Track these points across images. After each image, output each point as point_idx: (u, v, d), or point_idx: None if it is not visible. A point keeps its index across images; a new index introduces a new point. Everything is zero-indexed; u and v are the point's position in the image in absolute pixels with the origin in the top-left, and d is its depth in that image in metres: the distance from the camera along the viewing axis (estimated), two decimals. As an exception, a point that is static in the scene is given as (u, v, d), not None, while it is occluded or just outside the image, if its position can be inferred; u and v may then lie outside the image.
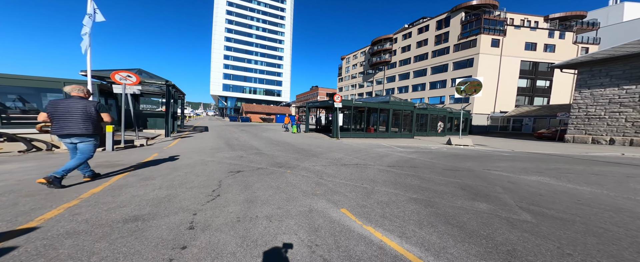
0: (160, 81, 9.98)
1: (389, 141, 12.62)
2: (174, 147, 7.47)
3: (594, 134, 12.20)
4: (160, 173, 4.17)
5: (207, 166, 4.94)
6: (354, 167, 5.29)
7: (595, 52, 12.38)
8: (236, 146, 8.51)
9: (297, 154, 6.98)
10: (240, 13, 62.92)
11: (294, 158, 6.33)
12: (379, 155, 7.28)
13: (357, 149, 8.57)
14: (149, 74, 10.24)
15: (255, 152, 7.20)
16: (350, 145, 10.14)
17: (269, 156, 6.55)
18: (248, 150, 7.68)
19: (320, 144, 9.97)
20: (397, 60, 42.36)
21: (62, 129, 2.96)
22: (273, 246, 1.94)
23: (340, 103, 12.51)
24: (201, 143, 9.01)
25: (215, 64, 60.69)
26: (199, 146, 8.10)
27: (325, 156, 6.76)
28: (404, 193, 3.41)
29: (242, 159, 6.04)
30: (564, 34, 29.03)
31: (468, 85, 15.02)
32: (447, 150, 9.07)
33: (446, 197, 3.27)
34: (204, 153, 6.68)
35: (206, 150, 7.28)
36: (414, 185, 3.85)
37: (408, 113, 14.23)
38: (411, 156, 7.27)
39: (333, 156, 6.92)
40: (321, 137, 13.47)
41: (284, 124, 18.13)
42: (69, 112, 2.97)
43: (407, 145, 10.66)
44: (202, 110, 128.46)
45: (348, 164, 5.58)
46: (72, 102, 3.01)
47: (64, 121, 2.96)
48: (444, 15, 32.86)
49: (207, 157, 6.10)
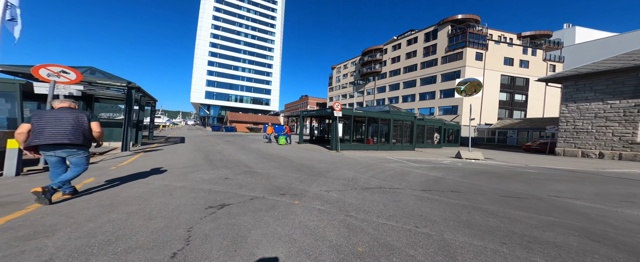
0: (120, 83, 8.08)
1: (392, 153, 11.59)
2: (128, 166, 5.61)
3: (583, 147, 12.25)
4: (77, 218, 2.43)
5: (172, 197, 3.33)
6: (380, 192, 3.98)
7: (579, 67, 12.80)
8: (219, 162, 6.82)
9: (299, 173, 5.53)
10: (227, 19, 61.56)
11: (297, 179, 4.88)
12: (396, 172, 6.08)
13: (366, 165, 7.31)
14: (106, 73, 8.34)
15: (245, 171, 5.63)
16: (355, 159, 8.88)
17: (264, 176, 5.03)
18: (234, 167, 6.07)
19: (321, 158, 8.59)
20: (387, 71, 43.18)
21: (50, 139, 2.71)
22: None
23: (341, 112, 11.37)
24: (171, 159, 7.17)
25: (198, 69, 57.72)
26: (167, 163, 6.30)
27: (334, 175, 5.40)
28: (502, 248, 2.13)
29: (228, 182, 4.46)
30: (535, 51, 31.61)
31: (468, 85, 14.99)
32: (464, 165, 8.16)
33: (585, 257, 2.04)
34: (171, 174, 4.96)
35: (176, 169, 5.55)
36: (497, 228, 2.61)
37: (408, 124, 13.48)
38: (434, 173, 6.16)
39: (343, 174, 5.58)
40: (318, 150, 12.10)
41: (267, 134, 15.34)
42: (58, 122, 2.78)
43: (416, 158, 9.66)
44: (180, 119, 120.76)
45: (370, 188, 4.26)
46: (61, 112, 2.85)
47: (52, 131, 2.73)
48: (432, 28, 34.40)
49: (176, 180, 4.43)
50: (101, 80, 7.68)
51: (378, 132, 12.76)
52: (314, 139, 19.14)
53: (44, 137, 2.67)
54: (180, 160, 6.93)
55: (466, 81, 14.17)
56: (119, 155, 7.47)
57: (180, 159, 7.06)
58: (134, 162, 6.31)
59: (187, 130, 35.54)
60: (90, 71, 8.01)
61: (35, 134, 2.68)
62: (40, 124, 2.70)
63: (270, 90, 67.93)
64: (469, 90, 13.73)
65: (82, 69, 7.90)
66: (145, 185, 3.96)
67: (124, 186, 3.85)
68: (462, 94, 13.95)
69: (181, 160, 6.95)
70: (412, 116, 13.55)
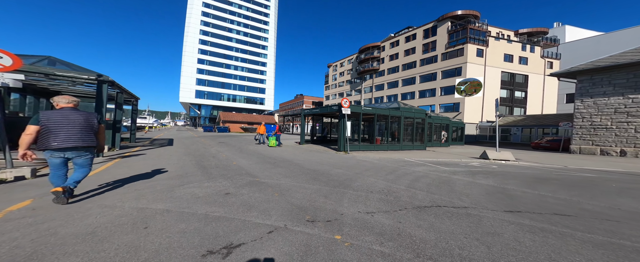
0: (87, 75, 6.65)
1: (406, 154, 10.65)
2: (93, 179, 4.32)
3: (602, 145, 11.76)
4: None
5: (148, 234, 2.18)
6: (446, 215, 2.92)
7: (595, 60, 12.30)
8: (214, 169, 5.60)
9: (316, 183, 4.43)
10: (218, 15, 59.16)
11: (318, 192, 3.79)
12: (433, 179, 5.08)
13: (388, 169, 6.27)
14: (69, 64, 6.88)
15: (249, 182, 4.47)
16: (371, 161, 7.84)
17: (275, 190, 3.90)
18: (235, 176, 4.89)
19: (333, 162, 7.50)
20: (385, 69, 42.52)
21: (65, 142, 2.69)
22: None
23: (349, 109, 10.31)
24: (155, 166, 5.87)
25: (187, 67, 55.12)
26: (148, 172, 5.02)
27: (361, 185, 4.35)
28: None
29: (230, 200, 3.31)
30: (534, 48, 31.80)
31: (468, 85, 14.70)
32: (500, 167, 7.20)
33: None
34: (151, 190, 3.74)
35: (159, 181, 4.30)
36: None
37: (419, 122, 12.61)
38: (484, 180, 5.16)
39: (370, 183, 4.52)
40: (324, 151, 11.00)
41: (258, 134, 13.53)
42: (70, 124, 2.75)
43: (437, 159, 8.73)
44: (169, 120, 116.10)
45: (424, 207, 3.20)
46: (72, 114, 2.80)
47: (67, 133, 2.71)
48: (431, 24, 33.94)
49: (156, 199, 3.24)
50: (61, 72, 6.23)
51: (388, 130, 11.80)
52: (316, 139, 18.01)
53: (60, 140, 2.66)
54: (166, 167, 5.65)
55: (466, 81, 13.97)
56: (89, 162, 6.09)
57: (167, 167, 5.77)
58: (103, 172, 4.97)
59: (177, 131, 33.49)
60: (48, 61, 6.54)
61: (49, 137, 2.63)
62: (52, 125, 2.65)
63: (264, 90, 66.05)
64: (469, 90, 13.54)
65: (34, 58, 6.41)
66: (108, 210, 2.73)
67: (75, 210, 2.63)
68: (462, 94, 13.66)
69: (167, 167, 5.67)
70: (424, 113, 12.69)
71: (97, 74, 6.95)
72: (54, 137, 2.64)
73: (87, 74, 6.77)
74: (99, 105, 6.88)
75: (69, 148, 2.74)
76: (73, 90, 10.41)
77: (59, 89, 9.82)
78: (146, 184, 4.04)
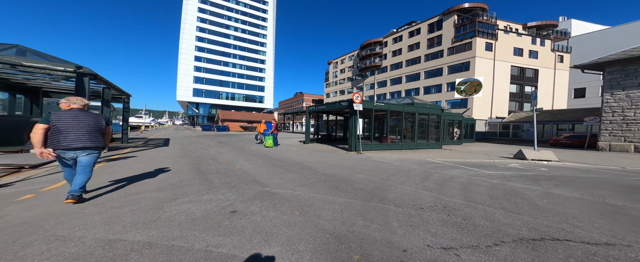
0: (63, 67, 5.66)
1: (424, 153, 9.78)
2: (61, 190, 3.39)
3: (636, 141, 10.88)
4: None
5: None
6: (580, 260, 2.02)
7: (628, 49, 11.42)
8: (215, 175, 4.70)
9: (343, 194, 3.54)
10: (214, 11, 57.66)
11: (350, 209, 2.92)
12: (499, 191, 4.16)
13: (421, 175, 5.39)
14: (42, 54, 5.90)
15: (258, 193, 3.59)
16: (390, 163, 6.96)
17: (294, 206, 3.01)
18: (240, 185, 4.00)
19: (349, 164, 6.62)
20: (388, 65, 41.48)
21: (76, 142, 2.80)
22: None
23: (361, 105, 9.40)
24: (143, 171, 4.96)
25: (183, 65, 53.79)
26: (134, 180, 4.09)
27: (403, 198, 3.45)
28: None
29: (237, 223, 2.43)
30: (544, 41, 30.86)
31: (468, 85, 14.20)
32: (553, 171, 6.17)
33: None
34: (133, 206, 2.83)
35: (145, 195, 3.39)
36: None
37: (434, 118, 11.72)
38: (558, 190, 4.22)
39: (414, 195, 3.63)
40: (333, 151, 10.11)
41: (259, 133, 12.61)
42: (80, 125, 2.85)
43: (466, 160, 7.84)
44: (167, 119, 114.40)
45: (537, 239, 2.31)
46: (81, 115, 2.90)
47: (77, 134, 2.82)
48: (436, 18, 32.89)
49: (136, 224, 2.35)
50: (31, 63, 5.24)
51: (401, 128, 10.91)
52: (320, 137, 17.12)
53: (70, 140, 2.76)
54: (158, 173, 4.73)
55: (466, 81, 13.52)
56: (65, 169, 5.14)
57: (158, 172, 4.85)
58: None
59: (174, 130, 32.42)
60: (17, 50, 5.54)
61: (58, 137, 2.73)
62: (62, 126, 2.74)
63: (263, 87, 64.84)
64: (469, 90, 13.17)
65: (4, 47, 5.41)
66: (58, 246, 1.83)
67: (3, 249, 1.71)
68: (462, 93, 13.19)
69: (159, 173, 4.75)
70: (439, 109, 11.81)
71: (75, 66, 5.97)
72: (63, 138, 2.73)
73: (63, 65, 5.79)
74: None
75: (77, 148, 2.83)
76: (57, 86, 9.41)
77: (38, 85, 8.83)
78: (127, 199, 3.12)
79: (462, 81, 13.39)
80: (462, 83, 13.37)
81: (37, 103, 9.07)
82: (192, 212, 2.75)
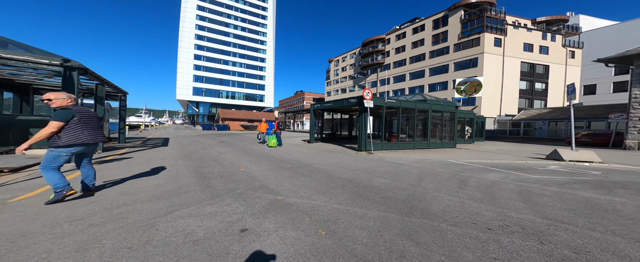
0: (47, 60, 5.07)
1: (441, 153, 9.19)
2: (34, 200, 2.82)
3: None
4: None
5: None
6: None
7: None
8: (218, 180, 4.14)
9: (373, 206, 2.96)
10: (214, 9, 56.87)
11: (391, 228, 2.34)
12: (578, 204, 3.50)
13: (453, 179, 4.81)
14: (26, 46, 5.31)
15: (270, 203, 3.02)
16: (410, 165, 6.38)
17: (315, 221, 2.46)
18: (247, 192, 3.44)
19: (364, 166, 6.04)
20: (391, 62, 40.72)
21: (95, 138, 2.96)
22: None
23: (372, 102, 8.80)
24: (137, 175, 4.37)
25: (183, 63, 53.15)
26: (126, 185, 3.53)
27: (456, 213, 2.86)
28: None
29: (250, 247, 1.86)
30: (554, 36, 29.99)
31: (468, 85, 13.85)
32: (606, 175, 5.43)
33: None
34: (116, 226, 2.24)
35: (135, 206, 2.82)
36: None
37: (447, 116, 11.10)
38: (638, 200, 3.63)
39: (462, 207, 3.04)
40: (341, 151, 9.53)
41: (260, 133, 12.36)
42: (94, 120, 3.01)
43: (495, 162, 7.21)
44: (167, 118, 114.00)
45: None
46: (87, 110, 3.00)
47: (94, 128, 2.97)
48: (441, 14, 32.07)
49: (117, 254, 1.71)
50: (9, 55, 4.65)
51: (413, 126, 10.31)
52: (325, 136, 16.56)
53: (92, 136, 2.90)
54: (154, 178, 4.16)
55: (466, 81, 13.09)
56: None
57: (154, 176, 4.28)
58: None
59: (174, 130, 31.89)
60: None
61: (82, 131, 2.80)
62: (84, 121, 2.84)
63: (264, 86, 64.16)
64: (469, 90, 12.79)
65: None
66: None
67: None
68: (462, 94, 12.78)
69: (155, 178, 4.18)
70: (454, 106, 11.19)
71: (62, 59, 5.38)
72: (86, 132, 2.83)
73: (48, 58, 5.20)
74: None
75: (97, 143, 2.98)
76: (49, 83, 8.82)
77: (27, 81, 8.25)
78: (113, 212, 2.55)
79: (462, 81, 13.12)
80: (462, 83, 13.12)
81: (28, 101, 8.50)
82: (192, 231, 2.18)
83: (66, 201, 2.86)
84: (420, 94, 11.68)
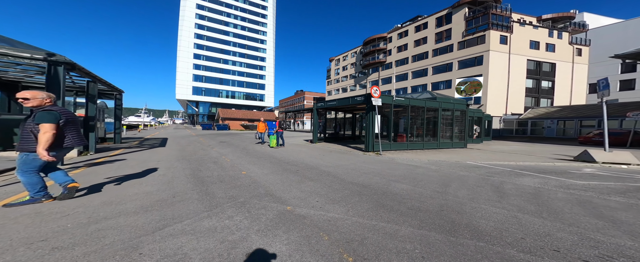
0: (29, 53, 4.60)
1: (454, 154, 8.73)
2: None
3: None
4: None
5: None
6: None
7: None
8: (217, 186, 3.68)
9: (408, 221, 2.51)
10: (213, 8, 56.33)
11: (439, 255, 1.80)
12: None
13: (489, 186, 4.35)
14: (6, 39, 4.84)
15: (279, 215, 2.56)
16: (427, 168, 5.92)
17: (337, 242, 1.99)
18: (251, 201, 2.97)
19: (376, 169, 5.58)
20: (392, 61, 40.15)
21: (81, 140, 2.78)
22: None
23: (380, 99, 8.33)
24: (128, 179, 3.91)
25: (182, 62, 52.64)
26: (112, 192, 3.07)
27: (533, 239, 2.36)
28: None
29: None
30: (561, 34, 29.42)
31: (468, 85, 13.59)
32: None
33: None
34: (90, 248, 1.76)
35: (118, 220, 2.34)
36: None
37: (458, 115, 10.62)
38: None
39: (521, 222, 2.60)
40: (347, 151, 9.07)
41: (258, 133, 11.88)
42: (75, 122, 2.76)
43: (519, 163, 6.73)
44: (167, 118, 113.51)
45: None
46: (69, 112, 2.74)
47: (77, 132, 2.74)
48: (445, 11, 31.51)
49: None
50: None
51: (423, 126, 9.84)
52: (328, 136, 16.10)
53: (78, 140, 2.71)
54: (146, 183, 3.69)
55: (466, 81, 13.02)
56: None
57: (147, 181, 3.81)
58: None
59: (174, 129, 31.43)
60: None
61: (73, 134, 2.66)
62: (70, 123, 2.66)
63: (264, 85, 63.63)
64: (469, 90, 12.70)
65: None
66: None
67: None
68: (462, 94, 12.75)
69: (148, 183, 3.71)
70: (464, 104, 10.71)
71: (46, 53, 4.91)
72: (69, 136, 2.64)
73: (30, 52, 4.72)
74: (55, 93, 4.84)
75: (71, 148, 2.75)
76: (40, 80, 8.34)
77: (15, 79, 7.78)
78: (89, 229, 2.09)
79: (462, 81, 13.14)
80: (462, 83, 13.14)
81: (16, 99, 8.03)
82: (185, 256, 1.72)
83: (35, 214, 2.39)
84: (428, 92, 11.21)
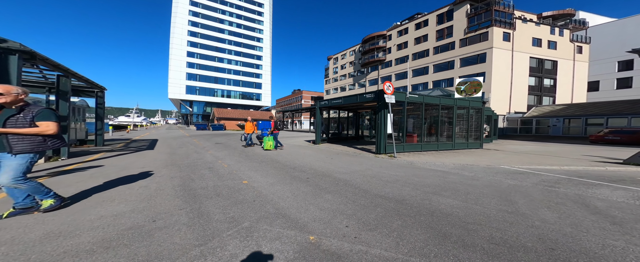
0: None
1: (475, 156, 8.05)
2: None
3: None
4: None
5: None
6: None
7: None
8: (213, 202, 2.79)
9: None
10: (208, 5, 54.74)
11: None
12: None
13: (575, 203, 3.59)
14: None
15: (299, 253, 1.67)
16: (458, 174, 5.20)
17: None
18: (258, 227, 2.06)
19: (399, 176, 4.82)
20: (392, 59, 39.55)
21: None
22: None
23: (393, 96, 7.58)
24: (99, 192, 2.97)
25: (175, 60, 50.99)
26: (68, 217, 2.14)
27: None
28: None
29: None
30: (562, 31, 29.28)
31: (468, 85, 13.26)
32: None
33: None
34: None
35: (68, 260, 1.43)
36: None
37: (473, 114, 9.96)
38: None
39: None
40: (355, 154, 8.28)
41: (246, 134, 9.95)
42: None
43: (564, 168, 6.05)
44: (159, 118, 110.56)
45: None
46: None
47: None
48: (446, 8, 31.01)
49: None
50: None
51: (437, 125, 9.13)
52: (330, 136, 15.28)
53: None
54: (119, 199, 2.78)
55: (466, 81, 12.97)
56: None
57: (121, 196, 2.90)
58: None
59: (166, 130, 30.08)
60: None
61: (38, 138, 2.40)
62: None
63: (260, 85, 62.36)
64: (469, 90, 12.68)
65: None
66: None
67: None
68: (462, 94, 12.73)
69: (121, 198, 2.80)
70: (480, 102, 10.06)
71: None
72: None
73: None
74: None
75: None
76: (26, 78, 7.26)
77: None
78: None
79: (462, 81, 13.03)
80: (462, 83, 13.01)
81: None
82: None
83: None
84: (439, 89, 10.54)
